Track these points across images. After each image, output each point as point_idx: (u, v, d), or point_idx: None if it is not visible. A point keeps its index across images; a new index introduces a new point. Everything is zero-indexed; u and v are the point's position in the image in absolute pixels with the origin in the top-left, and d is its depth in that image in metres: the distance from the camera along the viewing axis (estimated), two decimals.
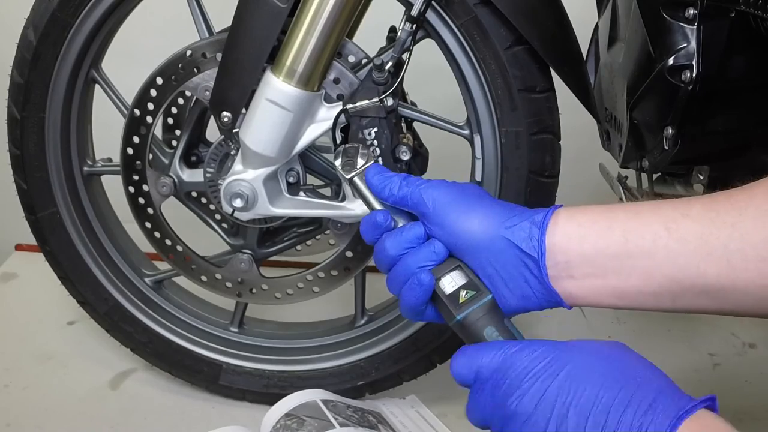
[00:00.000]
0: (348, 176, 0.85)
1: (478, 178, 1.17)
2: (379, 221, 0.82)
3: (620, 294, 0.75)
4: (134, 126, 1.16)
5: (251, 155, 1.08)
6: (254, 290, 1.24)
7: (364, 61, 1.10)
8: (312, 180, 1.18)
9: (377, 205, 0.84)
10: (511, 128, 1.11)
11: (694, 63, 1.02)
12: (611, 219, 0.75)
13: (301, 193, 1.13)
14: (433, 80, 1.37)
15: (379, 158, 1.09)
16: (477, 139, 1.15)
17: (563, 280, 0.76)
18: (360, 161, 0.85)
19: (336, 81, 1.08)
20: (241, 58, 1.06)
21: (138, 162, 1.18)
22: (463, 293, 0.77)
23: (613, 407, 0.63)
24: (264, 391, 1.30)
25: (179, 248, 1.23)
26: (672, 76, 1.03)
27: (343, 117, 1.07)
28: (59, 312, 1.53)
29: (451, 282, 0.78)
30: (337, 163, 0.87)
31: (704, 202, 0.73)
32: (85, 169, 1.28)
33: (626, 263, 0.73)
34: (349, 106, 1.06)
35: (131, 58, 1.37)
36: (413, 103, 1.22)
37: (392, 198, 0.82)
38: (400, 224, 0.83)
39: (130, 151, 1.18)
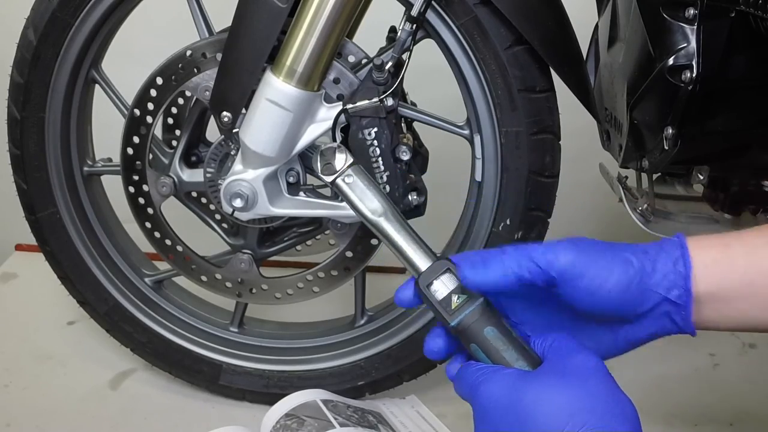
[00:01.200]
0: (329, 180, 0.83)
1: (478, 178, 1.17)
2: (434, 350, 0.80)
3: (743, 322, 0.76)
4: (134, 126, 1.17)
5: (251, 155, 1.08)
6: (254, 290, 1.24)
7: (364, 61, 1.10)
8: (312, 180, 1.18)
9: (364, 209, 0.82)
10: (511, 128, 1.11)
11: (694, 63, 1.02)
12: (731, 257, 0.75)
13: (301, 193, 1.13)
14: (433, 80, 1.37)
15: (383, 171, 1.09)
16: (477, 139, 1.15)
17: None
18: (339, 163, 0.84)
19: (336, 81, 1.08)
20: (241, 58, 1.06)
21: (138, 162, 1.18)
22: (454, 297, 0.76)
23: None
24: (264, 391, 1.30)
25: (179, 248, 1.23)
26: (672, 76, 1.03)
27: (343, 117, 1.07)
28: (59, 312, 1.53)
29: (441, 287, 0.76)
30: (316, 167, 0.84)
31: None
32: (85, 169, 1.28)
33: (748, 293, 0.74)
34: (349, 106, 1.06)
35: (131, 58, 1.37)
36: (413, 103, 1.22)
37: (516, 276, 0.74)
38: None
39: (130, 151, 1.18)
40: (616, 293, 0.73)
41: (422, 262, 0.79)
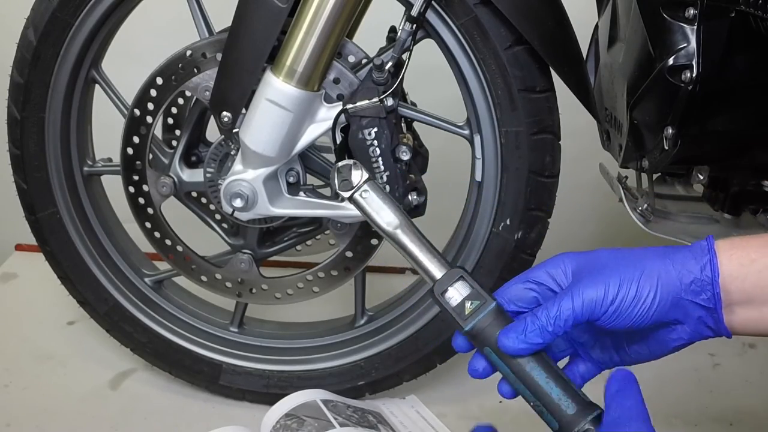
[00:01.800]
0: (347, 195, 0.85)
1: (478, 178, 1.17)
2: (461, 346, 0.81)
3: None
4: (134, 126, 1.17)
5: (251, 155, 1.08)
6: (254, 290, 1.24)
7: (364, 61, 1.10)
8: (312, 180, 1.18)
9: (380, 222, 0.83)
10: (511, 128, 1.11)
11: (694, 63, 1.02)
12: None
13: (301, 193, 1.13)
14: (433, 80, 1.37)
15: (383, 171, 1.09)
16: (477, 139, 1.15)
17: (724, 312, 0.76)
18: (355, 178, 0.86)
19: (336, 81, 1.08)
20: (241, 58, 1.06)
21: (138, 162, 1.18)
22: (468, 304, 0.78)
23: None
24: (264, 391, 1.30)
25: (179, 248, 1.23)
26: (672, 76, 1.03)
27: (343, 117, 1.07)
28: (59, 312, 1.53)
29: (455, 294, 0.79)
30: (334, 184, 0.86)
31: None
32: (85, 169, 1.28)
33: None
34: (349, 106, 1.06)
35: (131, 58, 1.37)
36: (413, 103, 1.22)
37: (561, 331, 0.75)
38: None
39: (130, 151, 1.18)
40: (645, 312, 0.73)
41: (437, 271, 0.81)
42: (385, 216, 0.84)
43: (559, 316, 0.73)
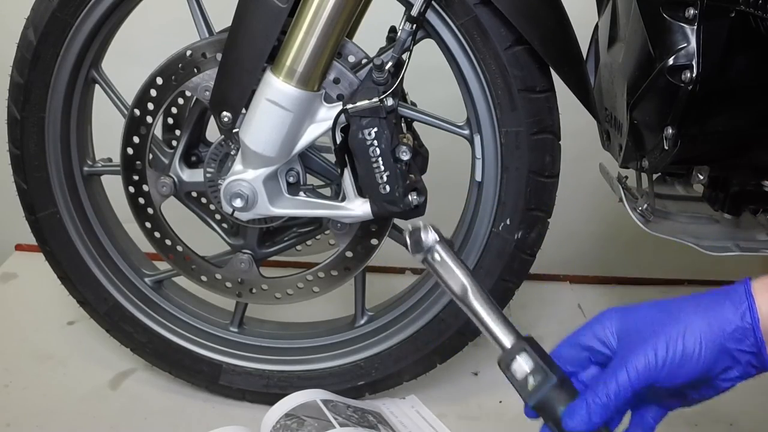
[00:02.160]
0: (419, 258, 0.86)
1: (478, 178, 1.17)
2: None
3: None
4: (134, 126, 1.17)
5: (251, 155, 1.08)
6: (254, 290, 1.24)
7: (364, 61, 1.10)
8: (312, 180, 1.18)
9: (453, 285, 0.84)
10: (511, 128, 1.11)
11: (694, 63, 1.02)
12: None
13: (301, 193, 1.13)
14: (433, 80, 1.37)
15: (383, 171, 1.09)
16: (477, 139, 1.15)
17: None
18: (427, 241, 0.86)
19: (336, 81, 1.08)
20: (241, 58, 1.06)
21: (138, 162, 1.18)
22: (530, 379, 0.80)
23: None
24: (264, 391, 1.30)
25: (179, 248, 1.23)
26: (672, 76, 1.03)
27: (343, 117, 1.07)
28: (59, 312, 1.53)
29: (520, 368, 0.81)
30: (406, 246, 0.87)
31: None
32: (85, 169, 1.28)
33: None
34: (349, 106, 1.06)
35: (131, 58, 1.37)
36: (413, 103, 1.22)
37: (622, 404, 0.78)
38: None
39: (130, 151, 1.18)
40: (694, 366, 0.76)
41: (506, 340, 0.83)
42: (456, 280, 0.85)
43: (618, 392, 0.76)
